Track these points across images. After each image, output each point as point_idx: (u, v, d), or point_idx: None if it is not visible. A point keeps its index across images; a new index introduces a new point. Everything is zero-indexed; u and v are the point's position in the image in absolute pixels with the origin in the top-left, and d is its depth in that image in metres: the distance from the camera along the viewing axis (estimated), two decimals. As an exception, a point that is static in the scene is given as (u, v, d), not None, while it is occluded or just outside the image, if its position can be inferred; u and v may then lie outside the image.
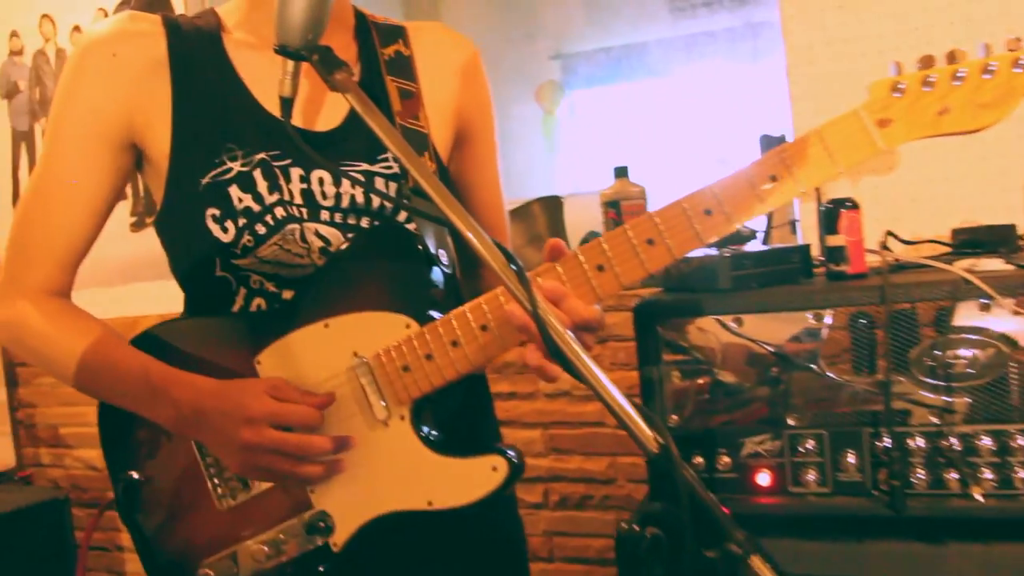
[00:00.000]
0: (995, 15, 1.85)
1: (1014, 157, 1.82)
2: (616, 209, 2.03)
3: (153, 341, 1.10)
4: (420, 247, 1.06)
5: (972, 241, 1.54)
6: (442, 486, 1.00)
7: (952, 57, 0.93)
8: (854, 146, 0.95)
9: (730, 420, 1.50)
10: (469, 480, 0.99)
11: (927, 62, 0.94)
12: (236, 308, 1.10)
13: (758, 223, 1.69)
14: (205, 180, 1.07)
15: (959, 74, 0.92)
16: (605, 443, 2.25)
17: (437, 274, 1.07)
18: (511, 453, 0.99)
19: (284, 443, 0.97)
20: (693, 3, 3.46)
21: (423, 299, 1.04)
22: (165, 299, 2.78)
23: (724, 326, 1.39)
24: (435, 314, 1.02)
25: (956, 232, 1.59)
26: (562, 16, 3.97)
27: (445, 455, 1.00)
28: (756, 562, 0.70)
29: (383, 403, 1.02)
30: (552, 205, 2.37)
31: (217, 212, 1.06)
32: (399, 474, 1.01)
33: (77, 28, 2.92)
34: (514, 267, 0.82)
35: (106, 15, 2.85)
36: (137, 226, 2.47)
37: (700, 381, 1.57)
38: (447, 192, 0.87)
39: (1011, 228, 1.56)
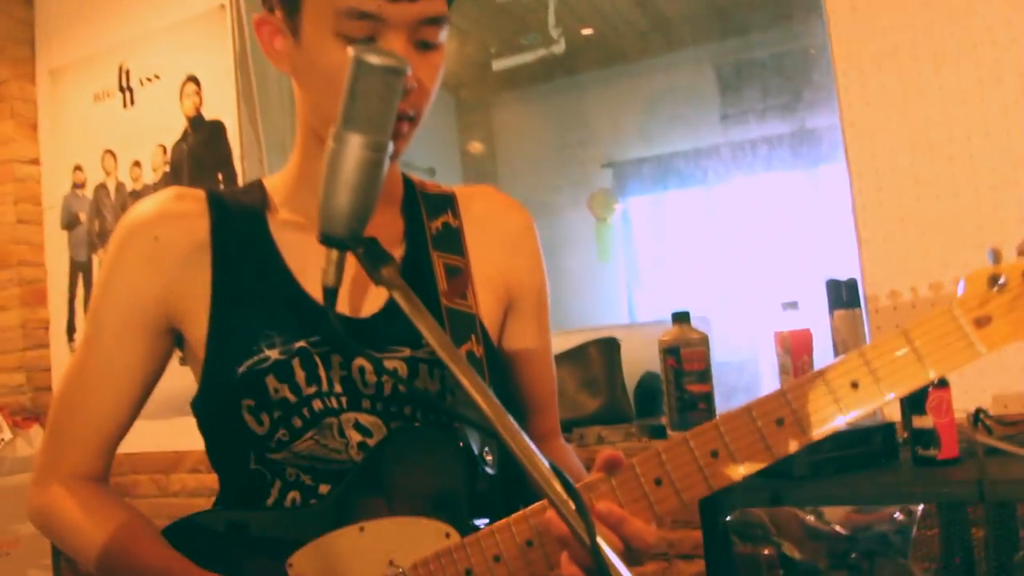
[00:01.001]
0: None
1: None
2: (676, 356, 1.95)
3: (185, 531, 1.07)
4: (462, 445, 1.00)
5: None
6: None
7: None
8: (949, 350, 0.84)
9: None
10: None
11: None
12: (271, 501, 1.05)
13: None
14: (242, 369, 1.03)
15: None
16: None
17: (481, 477, 1.01)
18: None
19: None
20: (744, 110, 3.48)
21: (465, 505, 0.98)
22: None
23: (802, 522, 1.27)
24: (479, 523, 0.95)
25: (1055, 404, 1.46)
26: (614, 125, 4.02)
27: None
28: None
29: (419, 620, 0.94)
30: (609, 347, 2.31)
31: (252, 403, 1.02)
32: None
33: (138, 164, 3.06)
34: (566, 488, 0.75)
35: (165, 152, 2.98)
36: (185, 361, 2.47)
37: (765, 551, 1.46)
38: (489, 393, 0.81)
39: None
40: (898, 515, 1.27)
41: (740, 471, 0.88)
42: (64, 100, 3.28)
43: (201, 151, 2.88)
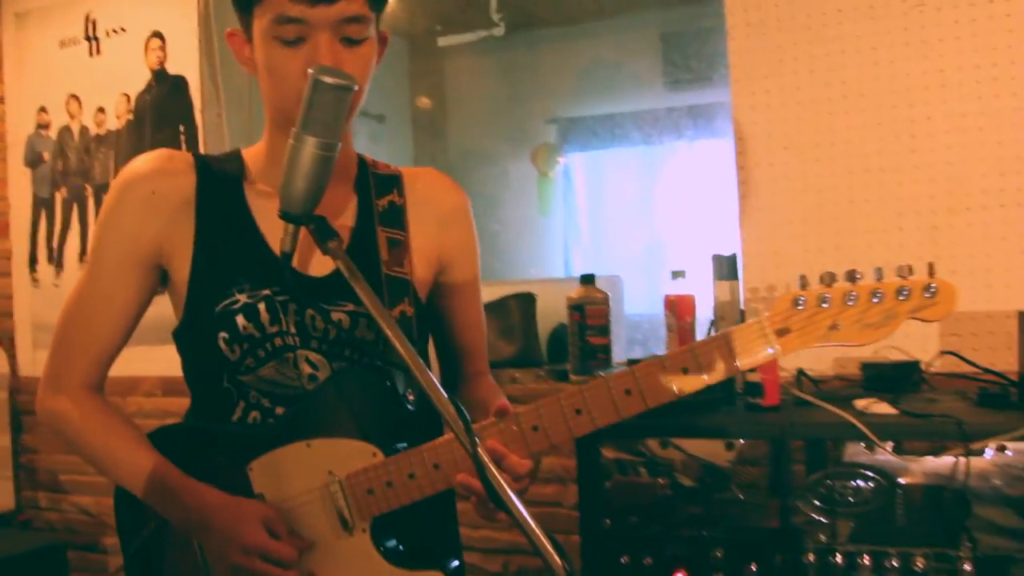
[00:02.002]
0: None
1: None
2: (581, 312, 2.19)
3: (166, 437, 1.31)
4: (390, 384, 1.26)
5: (877, 376, 1.76)
6: None
7: (851, 276, 1.06)
8: (754, 351, 1.08)
9: (666, 523, 1.71)
10: None
11: (828, 279, 1.07)
12: (235, 417, 1.29)
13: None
14: (218, 308, 1.26)
15: (851, 295, 1.04)
16: (561, 522, 2.45)
17: (405, 410, 1.26)
18: (453, 565, 1.20)
19: (264, 572, 1.17)
20: (687, 78, 3.60)
21: (390, 432, 1.23)
22: (163, 362, 2.97)
23: (673, 445, 1.60)
24: (401, 446, 1.21)
25: (865, 366, 1.82)
26: (562, 82, 4.00)
27: (396, 566, 1.20)
28: None
29: (349, 516, 1.21)
30: (525, 301, 2.58)
31: (226, 335, 1.26)
32: (357, 577, 1.21)
33: (102, 110, 3.16)
34: (461, 417, 0.99)
35: (128, 100, 3.10)
36: (168, 295, 2.70)
37: (661, 481, 1.78)
38: (410, 347, 1.05)
39: (915, 365, 1.79)
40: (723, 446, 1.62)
41: (596, 424, 1.13)
42: (29, 44, 3.32)
43: (164, 103, 2.99)
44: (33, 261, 3.34)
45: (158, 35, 3.01)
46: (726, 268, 2.07)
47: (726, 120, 2.62)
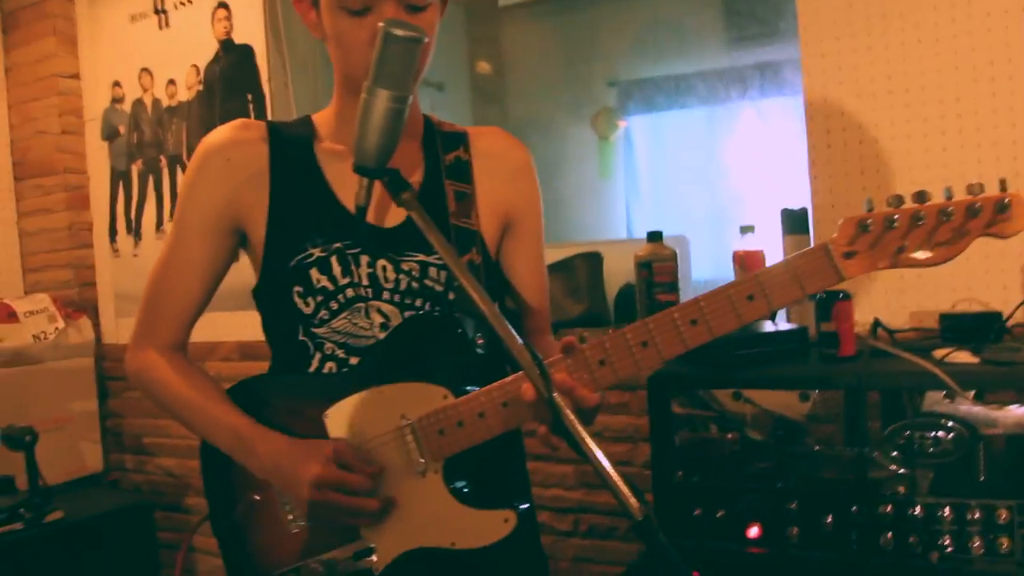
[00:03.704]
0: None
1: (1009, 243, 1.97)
2: (648, 270, 2.18)
3: (247, 391, 1.36)
4: (460, 331, 1.28)
5: (957, 327, 1.71)
6: (463, 531, 1.22)
7: (919, 196, 1.02)
8: (819, 276, 1.06)
9: (738, 477, 1.70)
10: (485, 527, 1.21)
11: (895, 201, 1.04)
12: (312, 368, 1.33)
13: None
14: (292, 263, 1.31)
15: (919, 215, 1.01)
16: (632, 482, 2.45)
17: (474, 355, 1.29)
18: (523, 507, 1.22)
19: (340, 503, 1.21)
20: (749, 35, 3.51)
21: (460, 375, 1.25)
22: (240, 327, 3.09)
23: (745, 398, 1.59)
24: (470, 388, 1.23)
25: (943, 318, 1.76)
26: (620, 45, 3.94)
27: (468, 506, 1.23)
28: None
29: (422, 459, 1.24)
30: (592, 260, 2.57)
31: (301, 289, 1.31)
32: (430, 517, 1.24)
33: (172, 82, 3.23)
34: (535, 361, 1.02)
35: (198, 72, 3.17)
36: (248, 256, 2.78)
37: (729, 436, 1.77)
38: (483, 292, 1.07)
39: (996, 316, 1.72)
40: (797, 398, 1.59)
41: (662, 358, 1.14)
42: (102, 19, 3.40)
43: (232, 72, 3.05)
44: (113, 232, 3.46)
45: (224, 5, 3.06)
46: (796, 222, 2.06)
47: (795, 75, 2.55)
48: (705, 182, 3.61)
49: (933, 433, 1.45)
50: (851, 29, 2.13)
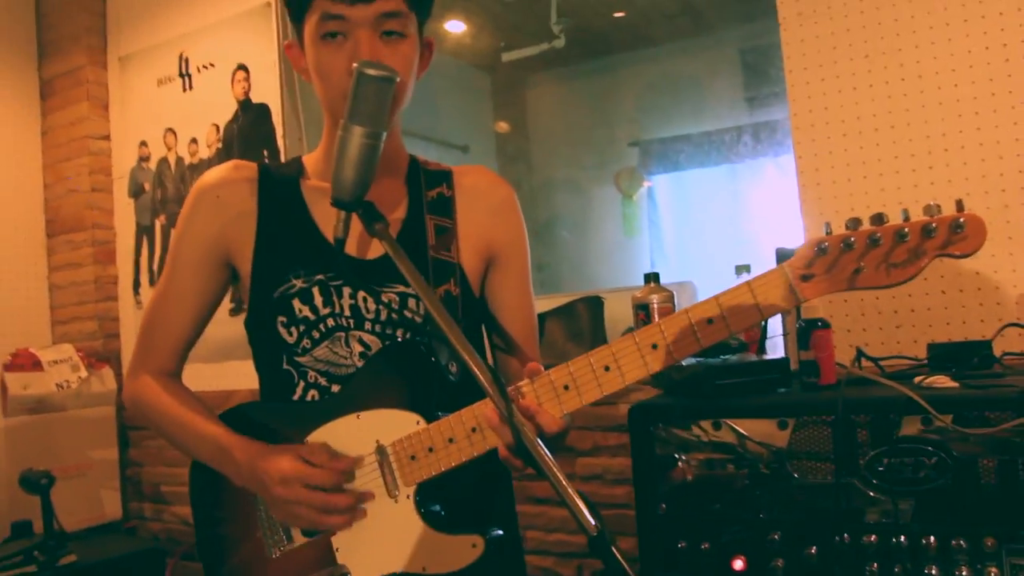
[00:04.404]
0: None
1: (1004, 276, 1.98)
2: (646, 311, 2.21)
3: (237, 416, 1.40)
4: (433, 359, 1.31)
5: (944, 355, 1.70)
6: (433, 556, 1.23)
7: (877, 219, 1.02)
8: (777, 298, 1.07)
9: (721, 509, 1.69)
10: (454, 553, 1.22)
11: (852, 224, 1.03)
12: (296, 396, 1.37)
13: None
14: (276, 294, 1.36)
15: (875, 236, 1.00)
16: (630, 525, 2.42)
17: (447, 381, 1.31)
18: (495, 533, 1.22)
19: (310, 499, 1.23)
20: (767, 93, 3.57)
21: (432, 402, 1.27)
22: (254, 376, 3.14)
23: (728, 427, 1.59)
24: (442, 414, 1.25)
25: (931, 347, 1.76)
26: (641, 105, 4.02)
27: (438, 531, 1.24)
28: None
29: (395, 484, 1.26)
30: (593, 304, 2.60)
31: (284, 319, 1.36)
32: (403, 542, 1.25)
33: (194, 140, 3.37)
34: (496, 383, 1.05)
35: (218, 130, 3.30)
36: (234, 312, 2.85)
37: (715, 465, 1.75)
38: (448, 317, 1.10)
39: (984, 344, 1.71)
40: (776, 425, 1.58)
41: (623, 382, 1.15)
42: (131, 84, 3.58)
43: (249, 130, 3.18)
44: (136, 285, 3.57)
45: (243, 67, 3.21)
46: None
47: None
48: (726, 236, 3.64)
49: (913, 459, 1.44)
50: (835, 69, 2.18)
